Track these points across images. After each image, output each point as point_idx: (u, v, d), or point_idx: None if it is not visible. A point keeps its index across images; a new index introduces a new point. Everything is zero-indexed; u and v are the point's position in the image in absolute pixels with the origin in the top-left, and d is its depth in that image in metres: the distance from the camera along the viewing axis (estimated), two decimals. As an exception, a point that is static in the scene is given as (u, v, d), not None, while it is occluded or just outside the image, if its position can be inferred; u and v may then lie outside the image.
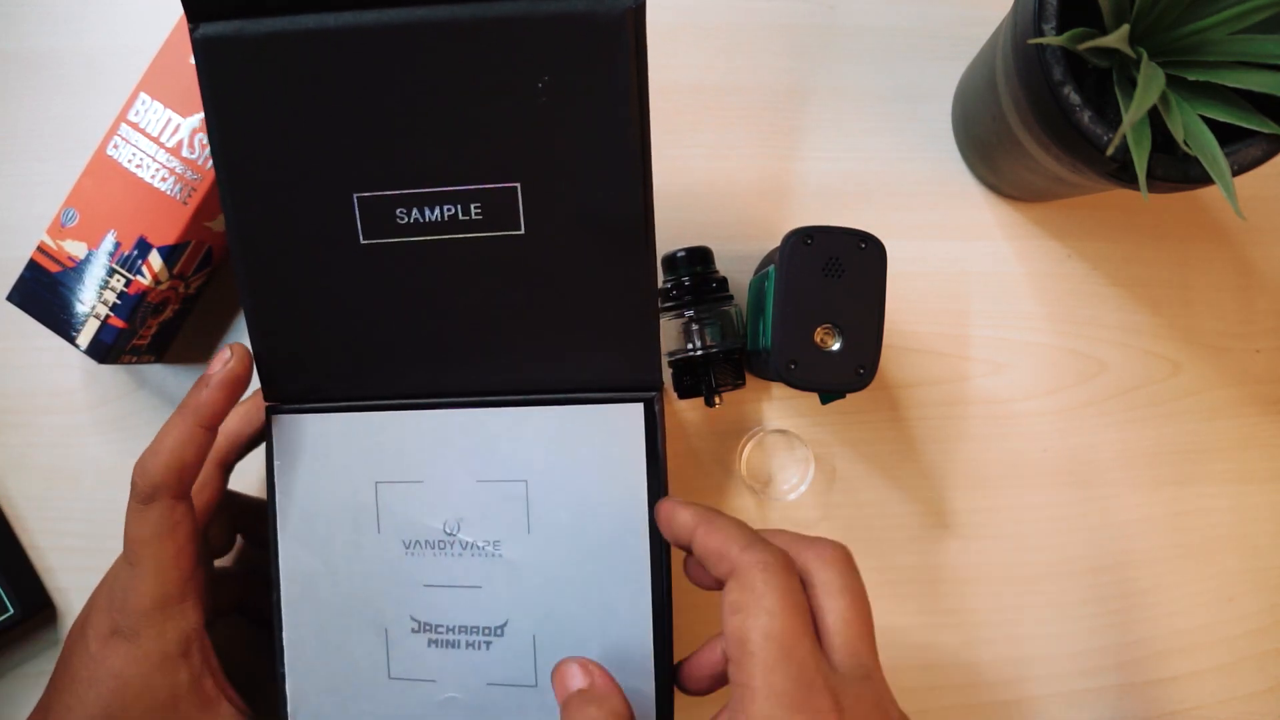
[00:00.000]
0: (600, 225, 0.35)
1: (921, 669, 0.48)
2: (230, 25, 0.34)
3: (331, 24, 0.33)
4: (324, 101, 0.34)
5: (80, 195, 0.43)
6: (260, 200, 0.36)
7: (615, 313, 0.37)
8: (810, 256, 0.38)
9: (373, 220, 0.36)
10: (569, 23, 0.33)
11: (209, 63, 0.34)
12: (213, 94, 0.35)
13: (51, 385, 0.48)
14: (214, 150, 0.36)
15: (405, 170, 0.35)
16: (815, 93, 0.50)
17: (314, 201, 0.36)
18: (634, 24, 0.33)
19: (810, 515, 0.48)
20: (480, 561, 0.37)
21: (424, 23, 0.33)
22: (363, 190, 0.36)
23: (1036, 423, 0.49)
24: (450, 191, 0.35)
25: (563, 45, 0.33)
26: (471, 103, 0.34)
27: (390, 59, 0.34)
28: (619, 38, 0.33)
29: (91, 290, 0.43)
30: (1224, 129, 0.36)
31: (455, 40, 0.33)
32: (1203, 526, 0.49)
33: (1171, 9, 0.36)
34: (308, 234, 0.36)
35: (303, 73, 0.34)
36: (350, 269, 0.37)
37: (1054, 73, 0.37)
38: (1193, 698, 0.48)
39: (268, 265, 0.37)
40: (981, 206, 0.50)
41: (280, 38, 0.34)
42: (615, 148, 0.34)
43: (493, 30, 0.33)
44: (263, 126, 0.35)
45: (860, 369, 0.38)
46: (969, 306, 0.49)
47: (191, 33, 0.34)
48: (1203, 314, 0.50)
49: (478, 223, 0.36)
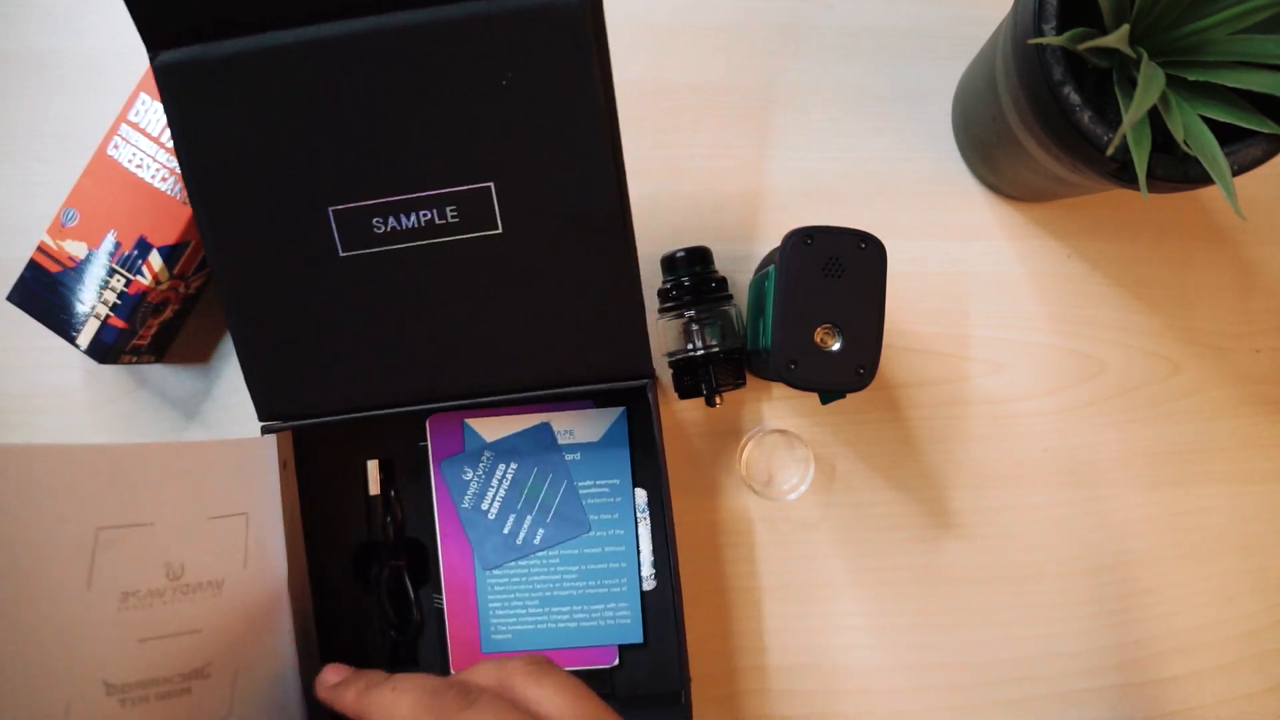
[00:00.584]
0: (577, 218, 0.35)
1: (921, 669, 0.48)
2: (189, 50, 0.34)
3: (290, 40, 0.33)
4: (290, 117, 0.34)
5: (80, 195, 0.43)
6: (236, 221, 0.36)
7: (600, 304, 0.37)
8: (810, 256, 0.38)
9: (350, 232, 0.36)
10: (527, 18, 0.33)
11: (171, 89, 0.34)
12: (179, 120, 0.35)
13: (51, 385, 0.48)
14: (185, 174, 0.35)
15: (378, 179, 0.35)
16: (815, 93, 0.50)
17: (290, 218, 0.36)
18: (593, 14, 0.33)
19: (810, 515, 0.48)
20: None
21: (382, 30, 0.33)
22: (337, 203, 0.35)
23: (1036, 423, 0.49)
24: (425, 196, 0.35)
25: (523, 41, 0.33)
26: (438, 106, 0.34)
27: (352, 69, 0.34)
28: (579, 29, 0.33)
29: (91, 290, 0.43)
30: (1224, 129, 0.36)
31: (416, 45, 0.33)
32: (1203, 526, 0.49)
33: (1171, 9, 0.36)
34: (287, 251, 0.36)
35: (267, 91, 0.34)
36: (332, 282, 0.36)
37: (1054, 73, 0.37)
38: (1193, 698, 0.48)
39: (250, 285, 0.37)
40: (981, 206, 0.50)
41: (240, 59, 0.33)
42: (585, 140, 0.34)
43: (452, 32, 0.33)
44: (231, 147, 0.35)
45: (860, 369, 0.38)
46: (969, 306, 0.49)
47: (151, 61, 0.34)
48: (1203, 314, 0.50)
49: (455, 225, 0.36)
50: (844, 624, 0.48)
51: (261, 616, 0.36)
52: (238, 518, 0.36)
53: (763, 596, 0.48)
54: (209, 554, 0.34)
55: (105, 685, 0.31)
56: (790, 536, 0.48)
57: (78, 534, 0.30)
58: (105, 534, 0.31)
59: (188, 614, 0.33)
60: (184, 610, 0.33)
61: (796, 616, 0.48)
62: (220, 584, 0.35)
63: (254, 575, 0.36)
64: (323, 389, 0.38)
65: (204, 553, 0.34)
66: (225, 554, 0.35)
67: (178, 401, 0.48)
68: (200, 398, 0.48)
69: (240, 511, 0.36)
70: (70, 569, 0.30)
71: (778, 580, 0.48)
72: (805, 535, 0.48)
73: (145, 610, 0.32)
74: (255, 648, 0.36)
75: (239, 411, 0.48)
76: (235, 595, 0.35)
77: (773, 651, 0.47)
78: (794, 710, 0.47)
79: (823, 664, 0.48)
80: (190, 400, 0.48)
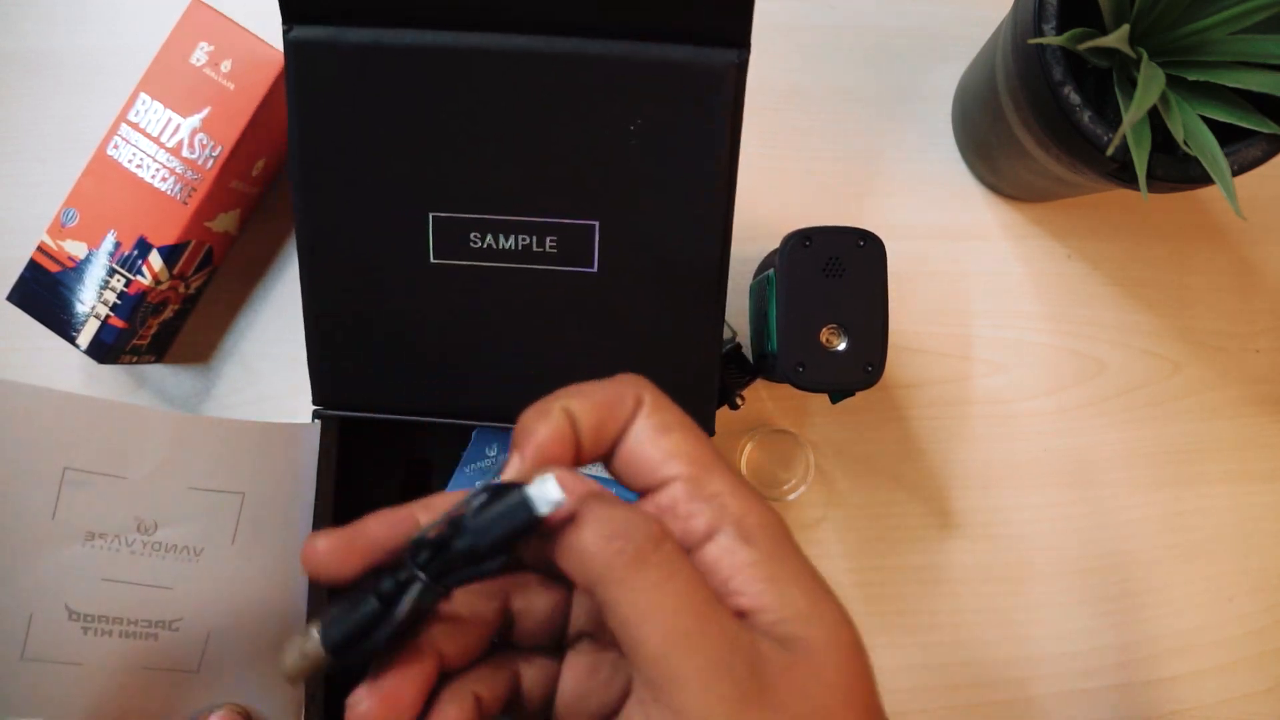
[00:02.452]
0: (674, 272, 0.35)
1: (922, 669, 0.48)
2: (325, 30, 0.33)
3: (429, 42, 0.33)
4: (410, 118, 0.34)
5: (80, 195, 0.43)
6: (334, 207, 0.35)
7: (678, 359, 0.36)
8: (810, 258, 0.38)
9: (445, 240, 0.35)
10: (672, 71, 0.32)
11: (299, 66, 0.33)
12: (299, 98, 0.34)
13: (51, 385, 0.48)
14: (292, 153, 0.35)
15: (484, 195, 0.35)
16: (815, 93, 0.50)
17: (388, 215, 0.35)
18: (735, 79, 0.32)
19: (810, 515, 0.48)
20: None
21: (522, 51, 0.32)
22: (439, 210, 0.35)
23: (1037, 423, 0.49)
24: (528, 222, 0.35)
25: (663, 91, 0.33)
26: (560, 137, 0.34)
27: (484, 83, 0.33)
28: (720, 91, 0.32)
29: (91, 290, 0.43)
30: (1224, 129, 0.36)
31: (552, 72, 0.33)
32: (1203, 526, 0.49)
33: (1171, 9, 0.36)
34: (377, 247, 0.36)
35: (393, 87, 0.33)
36: (416, 286, 0.36)
37: (1054, 73, 0.37)
38: (1193, 698, 0.48)
39: (333, 272, 0.36)
40: (981, 206, 0.50)
41: (374, 50, 0.33)
42: (700, 198, 0.34)
43: (592, 68, 0.32)
44: (345, 135, 0.34)
45: (868, 366, 0.38)
46: (969, 306, 0.49)
47: (285, 34, 0.33)
48: (1202, 314, 0.50)
49: (551, 255, 0.35)
50: (844, 624, 0.48)
51: (247, 594, 0.37)
52: (228, 495, 0.36)
53: (763, 596, 0.48)
54: (188, 521, 0.36)
55: (67, 610, 0.35)
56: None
57: (45, 468, 0.34)
58: (72, 474, 0.34)
59: (158, 569, 0.35)
60: (155, 565, 0.35)
61: (797, 616, 0.48)
62: (199, 551, 0.36)
63: (242, 553, 0.37)
64: (381, 386, 0.38)
65: (182, 519, 0.36)
66: (207, 525, 0.36)
67: (178, 401, 0.48)
68: (200, 398, 0.48)
69: (234, 490, 0.36)
70: (35, 497, 0.34)
71: (778, 580, 0.48)
72: (805, 535, 0.48)
73: (111, 554, 0.35)
74: (234, 619, 0.37)
75: (239, 412, 0.48)
76: (215, 567, 0.36)
77: (773, 651, 0.47)
78: (794, 710, 0.47)
79: (823, 664, 0.48)
80: (190, 400, 0.48)
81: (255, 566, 0.37)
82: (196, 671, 0.37)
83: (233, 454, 0.36)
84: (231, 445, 0.36)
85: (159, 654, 0.36)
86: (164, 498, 0.35)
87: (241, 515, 0.36)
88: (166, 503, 0.35)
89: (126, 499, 0.35)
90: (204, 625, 0.37)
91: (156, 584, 0.36)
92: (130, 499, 0.35)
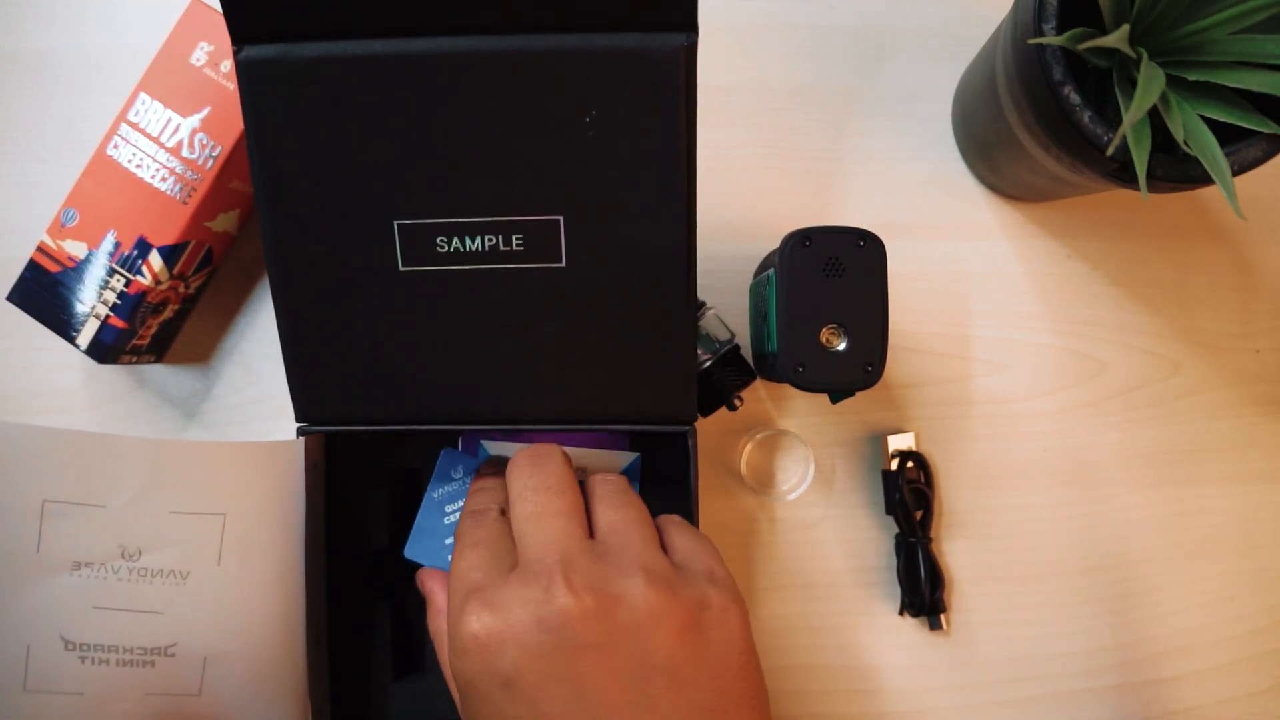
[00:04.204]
0: (642, 260, 0.35)
1: (922, 669, 0.48)
2: (275, 49, 0.33)
3: (379, 51, 0.33)
4: (368, 128, 0.34)
5: (80, 195, 0.43)
6: (299, 223, 0.36)
7: (652, 347, 0.36)
8: (810, 258, 0.38)
9: (413, 248, 0.35)
10: (621, 58, 0.32)
11: (252, 85, 0.34)
12: (255, 116, 0.34)
13: (51, 385, 0.48)
14: (254, 171, 0.35)
15: (447, 199, 0.35)
16: (815, 93, 0.50)
17: (354, 227, 0.35)
18: (686, 61, 0.33)
19: (810, 515, 0.48)
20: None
21: (473, 53, 0.33)
22: (404, 217, 0.35)
23: (1036, 423, 0.49)
24: (493, 222, 0.35)
25: (614, 81, 0.33)
26: (518, 134, 0.34)
27: (437, 88, 0.33)
28: (671, 75, 0.33)
29: (91, 290, 0.43)
30: (1224, 129, 0.36)
31: (504, 71, 0.33)
32: (1203, 526, 0.49)
33: (1171, 9, 0.36)
34: (346, 259, 0.36)
35: (347, 98, 0.33)
36: (387, 295, 0.36)
37: (1054, 73, 0.37)
38: (1193, 698, 0.48)
39: (304, 287, 0.36)
40: (981, 206, 0.50)
41: (325, 63, 0.33)
42: (661, 184, 0.34)
43: (542, 63, 0.33)
44: (304, 150, 0.34)
45: (868, 366, 0.38)
46: (969, 306, 0.49)
47: (235, 55, 0.33)
48: (1203, 314, 0.50)
49: (518, 254, 0.35)
50: (843, 624, 0.48)
51: (240, 614, 0.37)
52: (210, 517, 0.36)
53: (762, 596, 0.48)
54: (171, 545, 0.36)
55: (63, 640, 0.35)
56: (790, 536, 0.48)
57: (25, 502, 0.34)
58: (52, 506, 0.35)
59: (147, 595, 0.36)
60: (143, 591, 0.36)
61: (796, 616, 0.48)
62: (185, 575, 0.36)
63: (230, 574, 0.37)
64: (362, 398, 0.38)
65: (165, 543, 0.36)
66: (191, 549, 0.36)
67: (178, 401, 0.48)
68: (200, 398, 0.48)
69: (215, 511, 0.36)
70: (18, 531, 0.34)
71: (777, 580, 0.48)
72: (805, 535, 0.48)
73: (99, 582, 0.35)
74: (230, 640, 0.37)
75: (239, 412, 0.48)
76: (204, 589, 0.36)
77: (772, 652, 0.47)
78: (794, 710, 0.47)
79: (822, 664, 0.48)
80: (190, 400, 0.48)
81: (247, 586, 0.37)
82: (198, 695, 0.37)
83: (211, 476, 0.36)
84: (209, 467, 0.36)
85: (159, 681, 0.36)
86: (145, 523, 0.35)
87: (225, 536, 0.36)
88: (148, 528, 0.35)
89: (108, 527, 0.35)
90: (200, 648, 0.36)
91: (148, 609, 0.36)
92: (112, 527, 0.35)
